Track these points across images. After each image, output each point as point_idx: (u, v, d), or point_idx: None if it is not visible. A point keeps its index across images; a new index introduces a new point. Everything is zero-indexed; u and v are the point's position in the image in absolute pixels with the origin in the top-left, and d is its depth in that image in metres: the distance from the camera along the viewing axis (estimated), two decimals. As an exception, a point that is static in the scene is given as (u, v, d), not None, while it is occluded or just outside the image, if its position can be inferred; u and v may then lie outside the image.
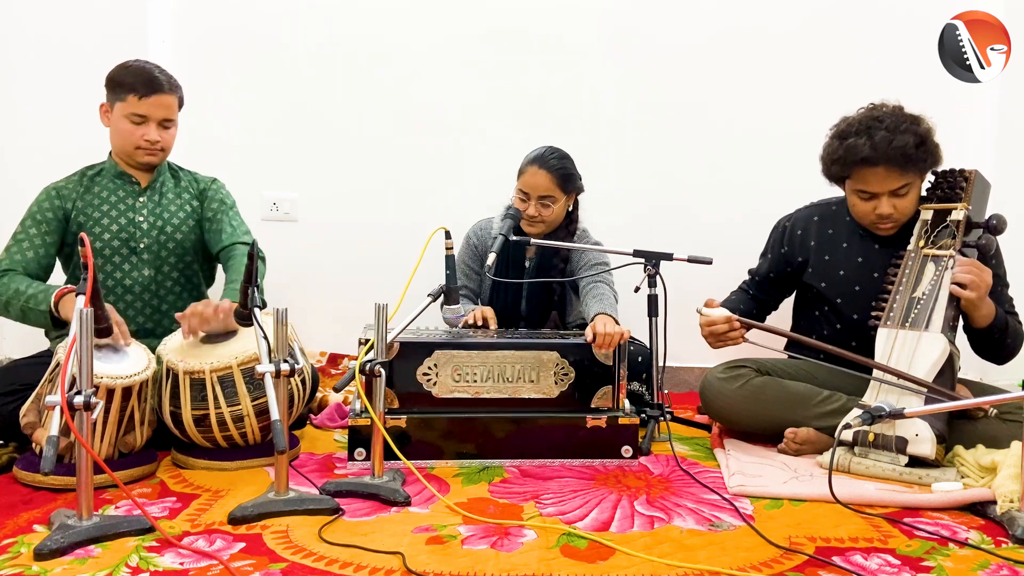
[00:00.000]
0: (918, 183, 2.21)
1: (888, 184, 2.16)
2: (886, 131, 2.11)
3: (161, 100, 2.25)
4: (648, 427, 2.29)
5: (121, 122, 2.25)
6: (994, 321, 2.12)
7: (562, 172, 2.50)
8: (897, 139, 2.10)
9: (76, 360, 1.55)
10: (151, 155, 2.29)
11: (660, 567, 1.51)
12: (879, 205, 2.18)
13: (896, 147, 2.10)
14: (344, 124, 3.10)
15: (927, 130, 2.15)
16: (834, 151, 2.21)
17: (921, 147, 2.12)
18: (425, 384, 2.11)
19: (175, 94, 2.29)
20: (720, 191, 3.05)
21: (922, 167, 2.17)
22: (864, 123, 2.16)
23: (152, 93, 2.23)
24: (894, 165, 2.12)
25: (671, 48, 3.05)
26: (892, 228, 2.24)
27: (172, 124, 2.31)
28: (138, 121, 2.25)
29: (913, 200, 2.21)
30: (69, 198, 2.28)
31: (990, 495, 1.79)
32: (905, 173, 2.14)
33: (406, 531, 1.66)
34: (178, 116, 2.33)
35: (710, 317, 2.25)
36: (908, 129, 2.12)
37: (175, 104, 2.30)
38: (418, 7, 3.07)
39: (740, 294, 2.52)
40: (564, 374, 2.13)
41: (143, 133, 2.25)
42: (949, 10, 2.75)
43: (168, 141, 2.32)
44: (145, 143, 2.26)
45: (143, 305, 2.32)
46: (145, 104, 2.23)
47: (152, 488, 1.89)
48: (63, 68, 2.97)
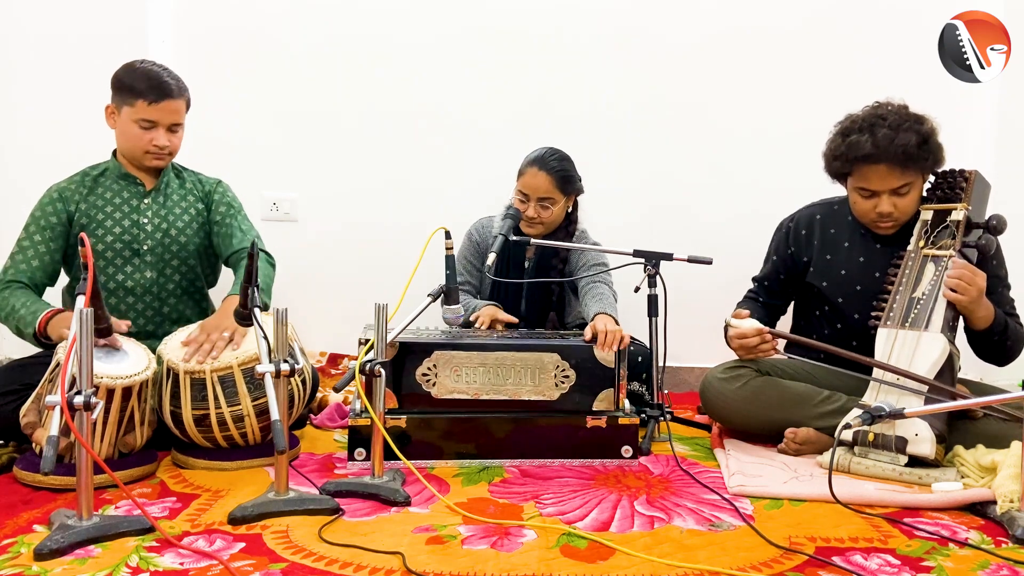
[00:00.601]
0: (919, 183, 2.21)
1: (889, 182, 2.16)
2: (889, 129, 2.11)
3: (171, 105, 2.23)
4: (648, 427, 2.29)
5: (129, 126, 2.23)
6: (993, 323, 2.12)
7: (562, 174, 2.50)
8: (899, 137, 2.10)
9: (76, 360, 1.55)
10: (159, 159, 2.28)
11: (660, 567, 1.51)
12: (879, 203, 2.18)
13: (898, 145, 2.09)
14: (344, 124, 3.10)
15: (930, 130, 2.15)
16: (836, 147, 2.21)
17: (923, 146, 2.12)
18: (425, 384, 2.11)
19: (184, 98, 2.27)
20: (720, 191, 3.05)
21: (923, 167, 2.16)
22: (868, 120, 2.16)
23: (162, 99, 2.21)
24: (895, 163, 2.12)
25: (671, 48, 3.05)
26: (892, 227, 2.24)
27: (180, 128, 2.29)
28: (147, 126, 2.22)
29: (914, 200, 2.21)
30: (72, 200, 2.27)
31: (990, 495, 1.79)
32: (906, 172, 2.14)
33: (406, 531, 1.66)
34: (185, 119, 2.31)
35: (741, 330, 2.24)
36: (911, 128, 2.12)
37: (184, 108, 2.28)
38: (418, 7, 3.07)
39: (751, 304, 2.48)
40: (564, 376, 2.13)
41: (152, 138, 2.23)
42: (949, 10, 2.75)
43: (176, 145, 2.30)
44: (154, 148, 2.24)
45: (145, 307, 2.32)
46: (155, 110, 2.21)
47: (152, 488, 1.89)
48: (63, 68, 2.97)
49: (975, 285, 2.06)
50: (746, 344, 2.24)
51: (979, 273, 2.08)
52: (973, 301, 2.06)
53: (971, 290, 2.05)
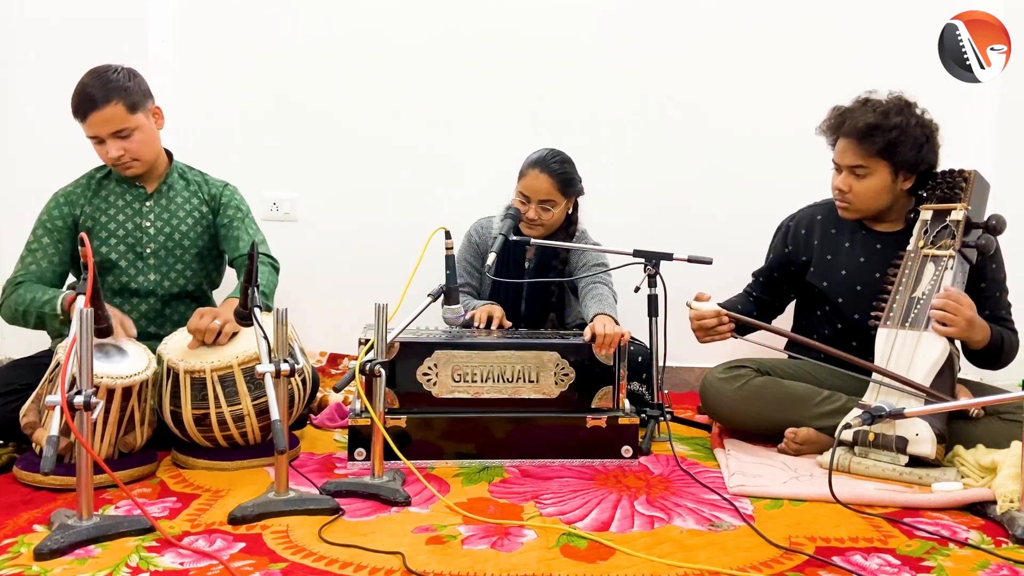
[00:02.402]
0: (883, 171, 2.18)
1: (846, 158, 2.20)
2: (861, 106, 2.19)
3: (99, 117, 2.11)
4: (648, 427, 2.29)
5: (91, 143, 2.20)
6: (990, 342, 2.12)
7: (563, 176, 2.49)
8: (865, 116, 2.15)
9: (76, 360, 1.55)
10: (128, 168, 2.22)
11: (660, 567, 1.51)
12: (837, 178, 2.23)
13: (861, 121, 2.15)
14: (344, 124, 3.10)
15: (904, 120, 2.14)
16: (827, 119, 2.27)
17: (879, 130, 2.13)
18: (425, 384, 2.11)
19: (115, 101, 2.11)
20: (720, 191, 3.05)
21: (884, 154, 2.15)
22: (859, 99, 2.23)
23: (87, 113, 2.11)
24: (853, 138, 2.17)
25: (671, 48, 3.05)
26: (848, 211, 2.27)
27: (130, 131, 2.15)
28: (97, 141, 2.17)
29: (872, 189, 2.20)
30: (77, 204, 2.26)
31: (990, 495, 1.79)
32: (861, 151, 2.16)
33: (406, 531, 1.66)
34: (140, 117, 2.16)
35: (700, 311, 2.26)
36: (881, 110, 2.16)
37: (120, 112, 2.12)
38: (418, 7, 3.06)
39: (741, 296, 2.52)
40: (564, 374, 2.13)
41: (105, 151, 2.17)
42: (949, 10, 2.75)
43: (137, 148, 2.18)
44: (110, 160, 2.19)
45: (148, 309, 2.31)
46: (88, 126, 2.13)
47: (152, 488, 1.89)
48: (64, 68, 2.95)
49: (961, 314, 2.03)
50: (703, 325, 2.25)
51: (963, 300, 2.05)
52: (963, 331, 2.05)
53: (958, 320, 2.03)
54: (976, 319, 2.07)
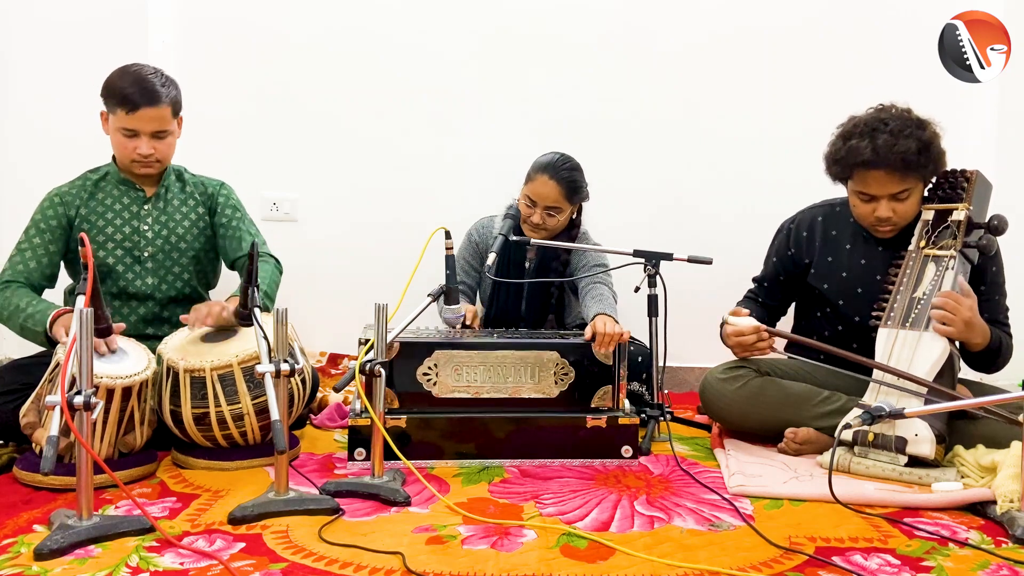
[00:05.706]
0: (919, 188, 2.19)
1: (888, 188, 2.15)
2: (889, 135, 2.09)
3: (149, 113, 2.15)
4: (648, 427, 2.29)
5: (115, 134, 2.20)
6: (988, 344, 2.12)
7: (571, 184, 2.48)
8: (900, 144, 2.08)
9: (76, 360, 1.55)
10: (147, 167, 2.24)
11: (660, 567, 1.51)
12: (878, 208, 2.17)
13: (897, 152, 2.08)
14: (344, 124, 3.10)
15: (932, 135, 2.13)
16: (837, 151, 2.19)
17: (923, 153, 2.10)
18: (425, 384, 2.11)
19: (166, 104, 2.17)
20: (721, 191, 3.05)
21: (923, 173, 2.15)
22: (869, 124, 2.14)
23: (139, 107, 2.13)
24: (894, 170, 2.10)
25: (671, 48, 3.05)
26: (891, 231, 2.23)
27: (167, 134, 2.22)
28: (129, 135, 2.18)
29: (914, 204, 2.20)
30: (72, 204, 2.25)
31: (990, 495, 1.79)
32: (905, 178, 2.13)
33: (406, 531, 1.66)
34: (175, 123, 2.24)
35: (738, 327, 2.23)
36: (912, 134, 2.10)
37: (167, 114, 2.19)
38: (419, 8, 3.07)
39: (750, 303, 2.48)
40: (564, 374, 2.13)
41: (135, 146, 2.18)
42: (949, 10, 2.75)
43: (164, 151, 2.23)
44: (138, 156, 2.20)
45: (146, 311, 2.31)
46: (133, 119, 2.14)
47: (152, 488, 1.89)
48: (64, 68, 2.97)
49: (959, 314, 2.03)
50: (743, 342, 2.23)
51: (963, 300, 2.05)
52: (963, 332, 2.05)
53: (956, 320, 2.03)
54: (976, 320, 2.07)
